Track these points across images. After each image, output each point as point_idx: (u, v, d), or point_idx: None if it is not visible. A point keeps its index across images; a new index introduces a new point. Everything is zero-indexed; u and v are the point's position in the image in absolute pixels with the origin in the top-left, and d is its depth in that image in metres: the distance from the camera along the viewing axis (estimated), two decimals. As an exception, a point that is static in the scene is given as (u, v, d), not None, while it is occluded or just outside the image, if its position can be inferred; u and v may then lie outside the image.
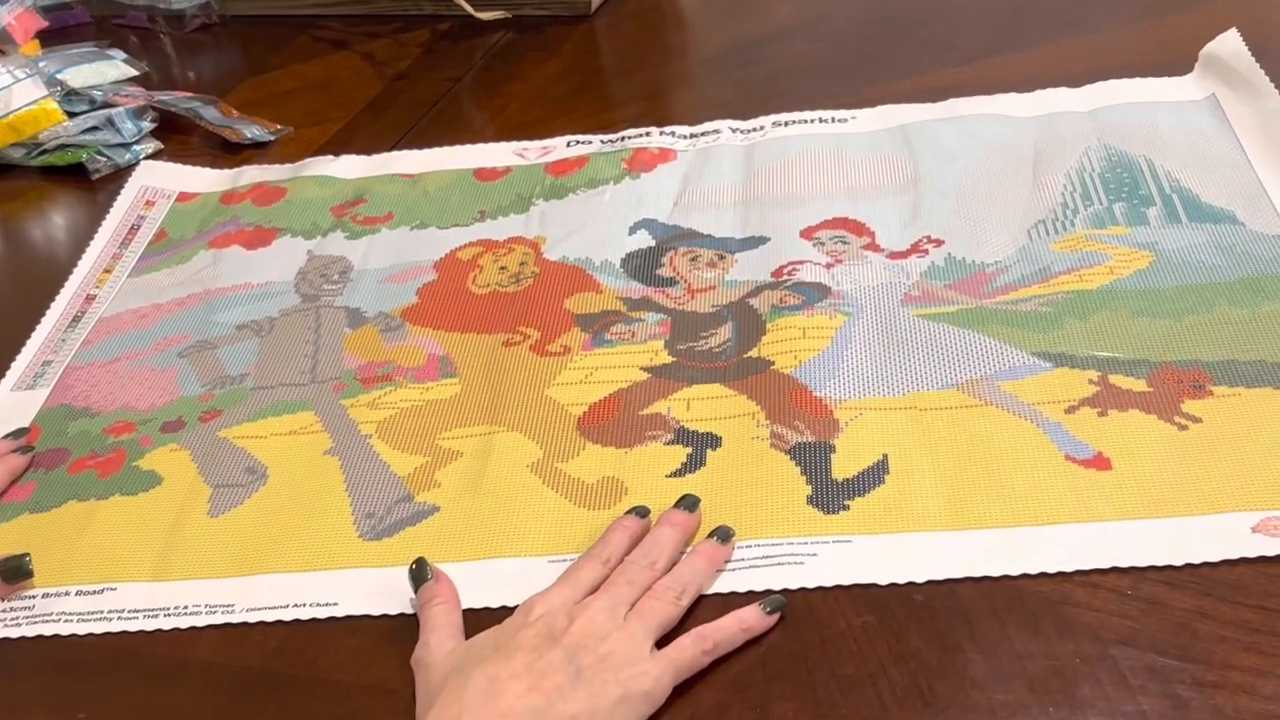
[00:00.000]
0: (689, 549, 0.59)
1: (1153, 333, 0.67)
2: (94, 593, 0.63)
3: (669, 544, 0.58)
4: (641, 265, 0.80)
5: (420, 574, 0.59)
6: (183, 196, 0.97)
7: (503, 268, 0.83)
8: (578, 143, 0.95)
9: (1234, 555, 0.54)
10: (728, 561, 0.58)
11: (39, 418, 0.76)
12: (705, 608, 0.57)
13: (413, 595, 0.59)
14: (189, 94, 1.09)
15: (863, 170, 0.86)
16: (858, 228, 0.80)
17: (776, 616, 0.55)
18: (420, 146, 0.99)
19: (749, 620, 0.55)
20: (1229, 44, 0.87)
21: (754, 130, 0.92)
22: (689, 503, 0.61)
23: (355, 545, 0.63)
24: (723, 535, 0.59)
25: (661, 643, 0.54)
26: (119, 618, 0.61)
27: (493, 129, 1.00)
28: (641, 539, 0.59)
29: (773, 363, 0.70)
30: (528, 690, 0.50)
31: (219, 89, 1.12)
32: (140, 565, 0.64)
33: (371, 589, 0.61)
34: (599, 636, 0.52)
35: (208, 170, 1.00)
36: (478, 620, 0.57)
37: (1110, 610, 0.53)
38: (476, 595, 0.59)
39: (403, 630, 0.58)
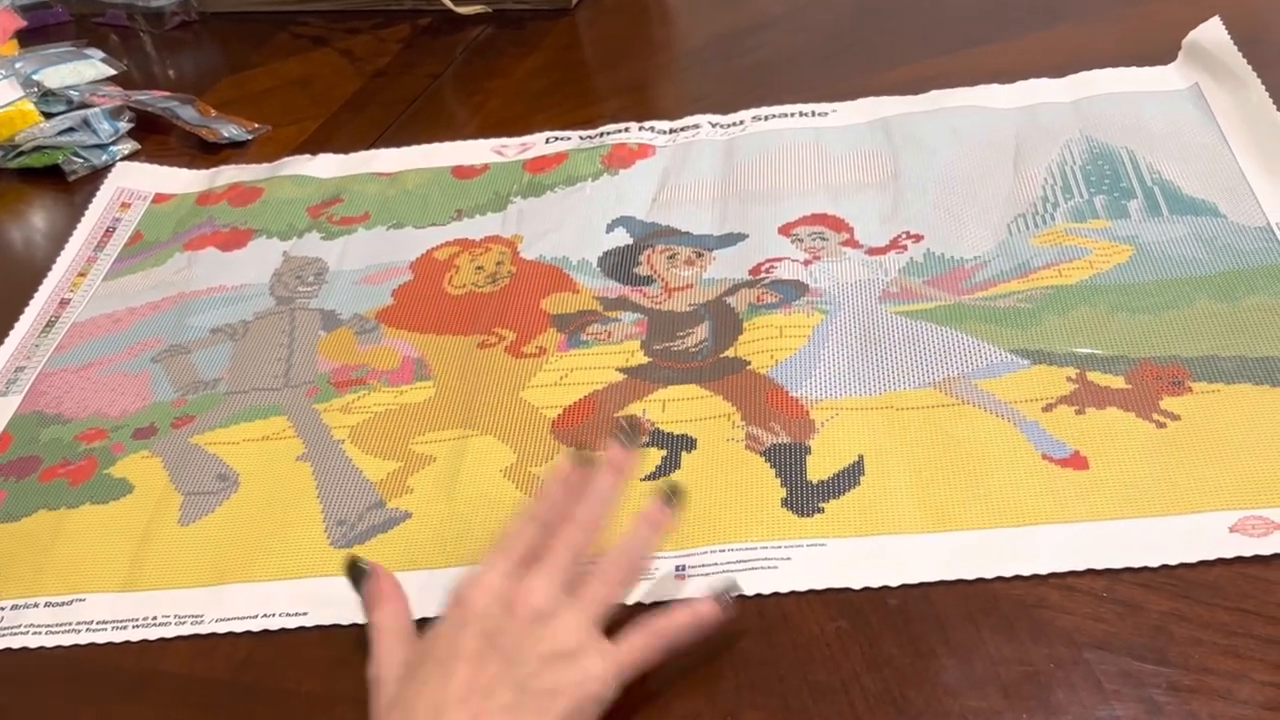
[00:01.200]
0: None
1: (1132, 328, 0.66)
2: (63, 604, 0.62)
3: (607, 495, 0.55)
4: (619, 264, 0.80)
5: (357, 572, 0.57)
6: (159, 198, 0.97)
7: (479, 268, 0.82)
8: (556, 139, 0.94)
9: (1211, 556, 0.54)
10: (672, 524, 0.56)
11: (11, 425, 0.75)
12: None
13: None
14: (166, 94, 1.08)
15: (842, 165, 0.85)
16: (836, 223, 0.79)
17: (730, 606, 0.53)
18: (400, 144, 0.98)
19: (701, 610, 0.53)
20: (1212, 32, 0.86)
21: (734, 125, 0.91)
22: (668, 496, 0.57)
23: (326, 553, 0.63)
24: (667, 496, 0.56)
25: (612, 630, 0.52)
26: (87, 629, 0.61)
27: (473, 125, 1.00)
28: (583, 491, 0.55)
29: (749, 363, 0.69)
30: (473, 717, 0.48)
31: (199, 87, 1.11)
32: (110, 575, 0.63)
33: (342, 598, 0.59)
34: (539, 636, 0.50)
35: (184, 171, 0.99)
36: (448, 629, 0.56)
37: (1085, 613, 0.53)
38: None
39: (373, 640, 0.57)
